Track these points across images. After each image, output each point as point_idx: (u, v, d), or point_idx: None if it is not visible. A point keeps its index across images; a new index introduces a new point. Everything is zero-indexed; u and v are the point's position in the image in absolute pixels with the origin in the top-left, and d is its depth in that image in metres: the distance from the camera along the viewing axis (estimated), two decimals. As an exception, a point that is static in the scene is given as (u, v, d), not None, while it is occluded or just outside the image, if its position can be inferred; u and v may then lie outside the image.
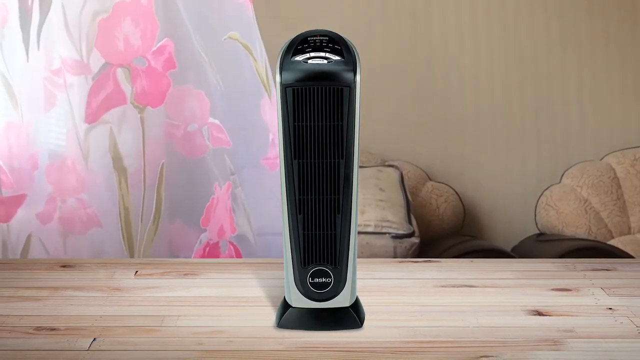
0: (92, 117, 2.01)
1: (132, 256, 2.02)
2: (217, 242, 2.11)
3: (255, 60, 2.13)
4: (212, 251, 2.09)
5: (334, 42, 1.35)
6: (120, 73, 2.00)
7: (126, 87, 2.01)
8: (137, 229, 2.02)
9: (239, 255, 2.13)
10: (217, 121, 2.10)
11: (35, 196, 2.02)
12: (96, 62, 1.99)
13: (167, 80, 2.03)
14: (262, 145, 2.17)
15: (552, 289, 1.55)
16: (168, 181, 2.06)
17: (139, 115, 2.03)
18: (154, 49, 2.01)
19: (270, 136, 2.17)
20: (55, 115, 2.02)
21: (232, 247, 2.12)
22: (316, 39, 1.36)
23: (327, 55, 1.34)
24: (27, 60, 1.99)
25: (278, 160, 2.10)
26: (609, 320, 1.41)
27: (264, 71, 2.15)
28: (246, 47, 2.12)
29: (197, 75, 2.08)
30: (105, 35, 1.99)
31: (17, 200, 2.02)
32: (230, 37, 2.10)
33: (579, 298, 1.51)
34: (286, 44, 1.36)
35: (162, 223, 2.05)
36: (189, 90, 2.07)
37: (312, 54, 1.34)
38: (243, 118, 2.15)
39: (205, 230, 2.09)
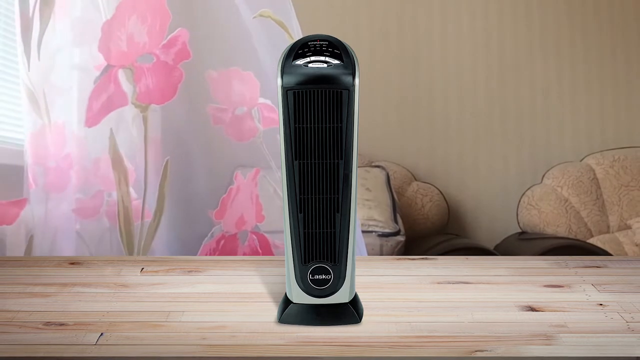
0: (93, 120, 1.98)
1: (130, 253, 2.00)
2: (235, 234, 2.05)
3: (292, 38, 2.06)
4: (227, 244, 2.05)
5: (333, 47, 1.37)
6: (122, 74, 1.96)
7: (128, 88, 1.96)
8: (138, 227, 2.00)
9: (266, 244, 2.07)
10: (268, 101, 2.03)
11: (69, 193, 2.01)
12: (99, 65, 1.96)
13: (178, 73, 1.97)
14: None
15: (545, 286, 1.57)
16: (175, 176, 2.01)
17: (141, 114, 1.99)
18: (164, 42, 1.96)
19: None
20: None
21: (254, 237, 2.07)
22: (316, 44, 1.37)
23: (327, 59, 1.35)
24: (29, 69, 1.98)
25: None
26: (599, 315, 1.43)
27: None
28: (280, 24, 2.05)
29: (244, 55, 2.01)
30: (108, 38, 1.94)
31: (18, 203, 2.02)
32: (261, 15, 2.03)
33: (571, 294, 1.53)
34: (287, 49, 1.37)
35: (164, 219, 2.01)
36: (237, 72, 2.02)
37: (313, 58, 1.35)
38: None
39: (218, 223, 2.05)
